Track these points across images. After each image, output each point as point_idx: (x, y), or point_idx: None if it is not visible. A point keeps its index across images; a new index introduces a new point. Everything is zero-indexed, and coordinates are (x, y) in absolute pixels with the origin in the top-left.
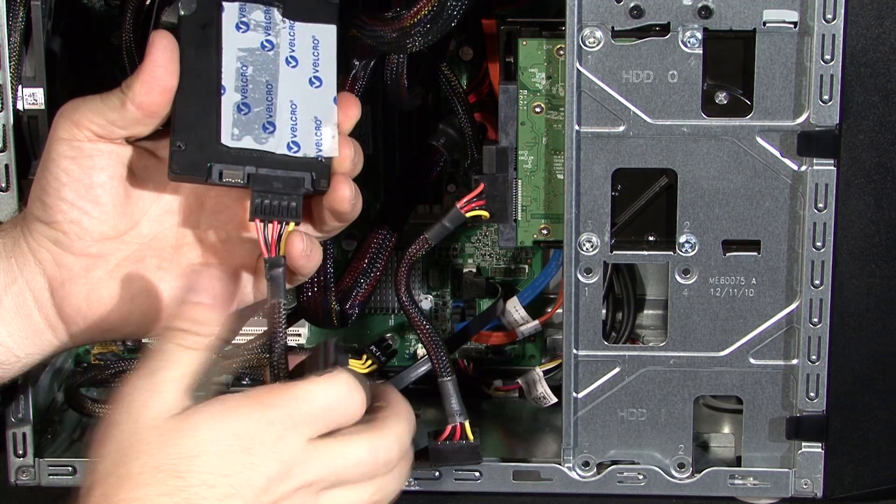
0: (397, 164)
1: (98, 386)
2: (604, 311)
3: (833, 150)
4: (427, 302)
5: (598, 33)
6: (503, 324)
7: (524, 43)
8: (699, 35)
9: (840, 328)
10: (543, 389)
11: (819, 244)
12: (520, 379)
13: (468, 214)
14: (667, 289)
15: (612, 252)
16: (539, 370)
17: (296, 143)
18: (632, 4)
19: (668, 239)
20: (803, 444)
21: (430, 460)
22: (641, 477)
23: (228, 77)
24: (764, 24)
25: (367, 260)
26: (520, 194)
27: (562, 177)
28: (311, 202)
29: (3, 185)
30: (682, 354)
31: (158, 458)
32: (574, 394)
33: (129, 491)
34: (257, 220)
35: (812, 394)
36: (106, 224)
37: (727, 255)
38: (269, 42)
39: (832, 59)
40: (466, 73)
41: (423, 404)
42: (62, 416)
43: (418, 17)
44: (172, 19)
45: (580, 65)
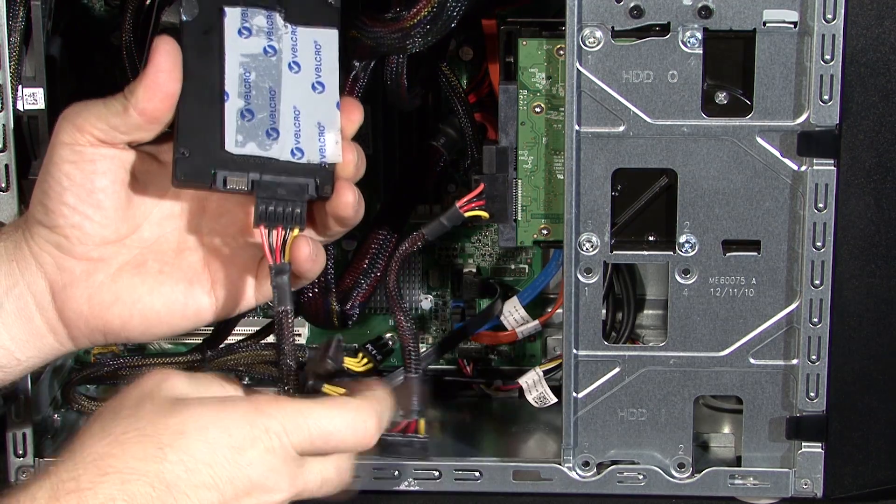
0: (397, 165)
1: (96, 384)
2: (604, 311)
3: (833, 150)
4: (427, 302)
5: (598, 33)
6: (503, 324)
7: (524, 43)
8: (699, 35)
9: (840, 328)
10: (543, 389)
11: (819, 244)
12: (520, 379)
13: (468, 214)
14: (667, 289)
15: (612, 252)
16: (539, 370)
17: (299, 150)
18: (632, 4)
19: (668, 239)
20: (803, 444)
21: (379, 450)
22: (641, 477)
23: (231, 83)
24: (764, 24)
25: (367, 260)
26: (520, 194)
27: (562, 177)
28: (314, 207)
29: (3, 185)
30: (682, 354)
31: (145, 425)
32: (574, 394)
33: (108, 446)
34: (262, 227)
35: (812, 394)
36: (107, 228)
37: (727, 255)
38: (272, 47)
39: (832, 59)
40: (466, 73)
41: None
42: (62, 416)
43: (418, 18)
44: (172, 20)
45: (580, 65)
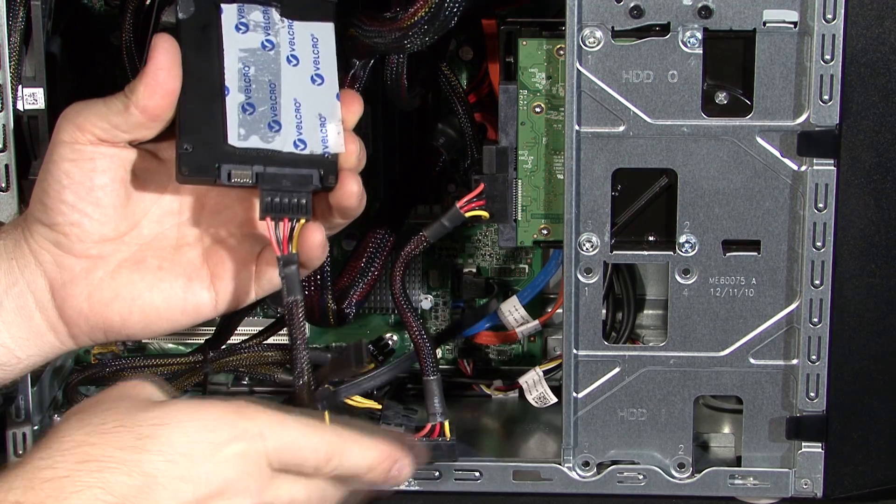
0: (397, 164)
1: (96, 384)
2: (604, 311)
3: (833, 150)
4: (427, 302)
5: (598, 33)
6: (503, 324)
7: (524, 43)
8: (699, 35)
9: (840, 328)
10: (543, 389)
11: (819, 244)
12: (520, 379)
13: (468, 214)
14: (667, 289)
15: (612, 252)
16: (539, 370)
17: (302, 141)
18: (632, 4)
19: (668, 239)
20: (803, 444)
21: None
22: (641, 477)
23: (231, 78)
24: (764, 24)
25: (364, 259)
26: (520, 194)
27: (562, 177)
28: (316, 200)
29: (3, 185)
30: (682, 354)
31: (124, 417)
32: (574, 394)
33: (86, 435)
34: (268, 219)
35: (812, 394)
36: (106, 226)
37: (727, 255)
38: (270, 42)
39: (832, 59)
40: (466, 73)
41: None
42: (62, 417)
43: (416, 17)
44: (171, 20)
45: (580, 65)
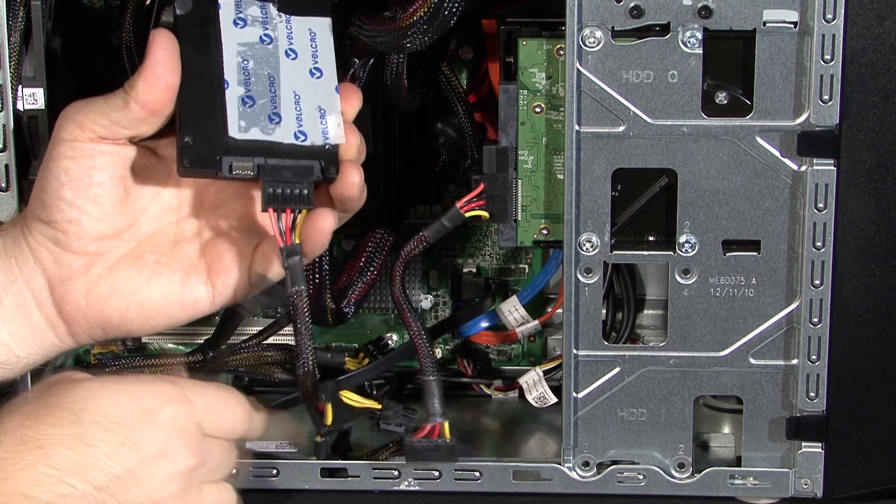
0: (397, 164)
1: None
2: (604, 311)
3: (833, 150)
4: (427, 302)
5: (598, 33)
6: (503, 323)
7: (524, 43)
8: (699, 35)
9: (840, 328)
10: (543, 389)
11: (819, 244)
12: (520, 379)
13: (468, 214)
14: (667, 289)
15: (612, 252)
16: (539, 370)
17: (302, 133)
18: (632, 4)
19: (668, 239)
20: (803, 444)
21: (405, 456)
22: (641, 477)
23: (231, 71)
24: (764, 24)
25: (363, 259)
26: (520, 194)
27: (562, 177)
28: (316, 194)
29: (3, 185)
30: (682, 354)
31: (56, 401)
32: (574, 394)
33: (21, 420)
34: (270, 210)
35: (812, 394)
36: (105, 223)
37: (727, 255)
38: (268, 36)
39: (832, 59)
40: (466, 73)
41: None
42: None
43: (415, 17)
44: (170, 18)
45: (580, 65)
